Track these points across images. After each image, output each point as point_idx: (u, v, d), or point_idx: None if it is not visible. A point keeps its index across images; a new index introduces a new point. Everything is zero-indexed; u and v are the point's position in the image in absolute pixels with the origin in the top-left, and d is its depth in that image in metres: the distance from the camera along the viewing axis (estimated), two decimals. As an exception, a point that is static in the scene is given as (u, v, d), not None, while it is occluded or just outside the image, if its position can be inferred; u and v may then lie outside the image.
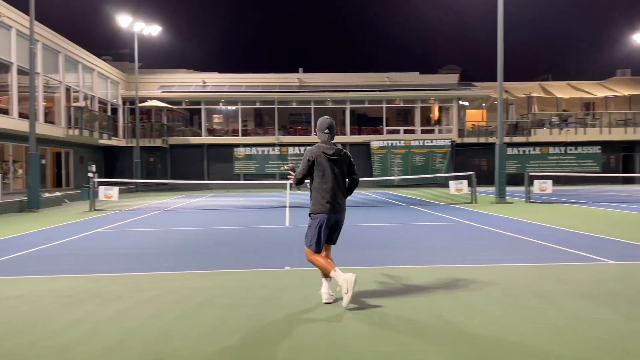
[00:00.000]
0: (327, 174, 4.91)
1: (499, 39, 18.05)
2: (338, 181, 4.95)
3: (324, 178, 4.91)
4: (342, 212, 4.98)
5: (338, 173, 4.95)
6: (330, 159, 4.92)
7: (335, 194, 4.91)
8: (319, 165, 4.93)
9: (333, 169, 4.93)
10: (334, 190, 4.91)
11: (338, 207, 4.92)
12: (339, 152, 4.99)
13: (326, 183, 4.90)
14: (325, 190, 4.90)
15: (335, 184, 4.93)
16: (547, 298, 5.04)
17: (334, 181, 4.92)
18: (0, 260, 7.55)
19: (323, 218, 4.87)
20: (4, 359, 3.58)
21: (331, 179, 4.91)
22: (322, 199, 4.90)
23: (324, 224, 4.88)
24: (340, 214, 4.97)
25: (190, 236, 10.07)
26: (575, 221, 11.66)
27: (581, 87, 35.69)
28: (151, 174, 32.20)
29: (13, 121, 19.96)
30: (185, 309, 4.81)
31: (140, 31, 29.92)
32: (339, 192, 4.96)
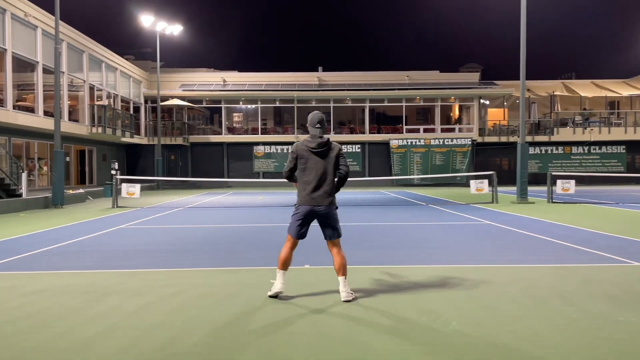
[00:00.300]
0: (309, 167, 4.95)
1: (522, 37, 17.81)
2: (320, 174, 4.93)
3: (306, 171, 4.96)
4: (324, 205, 4.92)
5: (320, 166, 4.94)
6: (312, 151, 4.95)
7: (316, 186, 4.91)
8: (301, 159, 4.98)
9: (316, 162, 4.94)
10: (315, 183, 4.91)
11: (319, 199, 4.90)
12: (323, 144, 4.97)
13: (307, 176, 4.94)
14: (306, 183, 4.94)
15: (316, 176, 4.92)
16: (570, 299, 4.96)
17: (315, 174, 4.92)
18: (26, 255, 7.71)
19: (303, 210, 4.93)
20: (29, 353, 3.66)
21: (313, 171, 4.93)
22: (303, 190, 4.96)
23: (303, 215, 4.93)
24: (322, 207, 4.91)
25: (210, 233, 10.16)
26: (599, 222, 11.46)
27: (606, 85, 35.02)
28: (172, 172, 32.55)
29: (38, 119, 20.36)
30: (206, 305, 4.85)
31: (162, 30, 30.25)
32: (322, 185, 4.93)
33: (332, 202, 4.98)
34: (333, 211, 5.00)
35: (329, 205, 4.95)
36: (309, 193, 4.92)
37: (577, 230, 10.14)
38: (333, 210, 5.00)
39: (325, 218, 4.96)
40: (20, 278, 6.15)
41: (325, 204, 4.93)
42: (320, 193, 4.92)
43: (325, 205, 4.93)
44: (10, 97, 18.48)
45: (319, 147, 4.95)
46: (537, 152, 32.73)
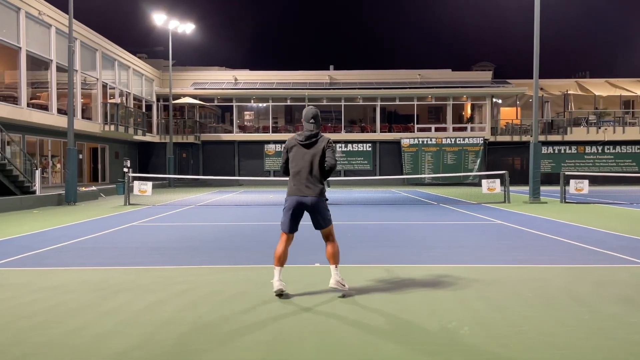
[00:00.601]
0: (297, 158, 5.06)
1: (535, 35, 17.65)
2: (305, 165, 5.00)
3: (293, 163, 5.08)
4: (310, 196, 4.96)
5: (307, 158, 5.02)
6: (300, 144, 5.06)
7: (302, 177, 4.99)
8: (291, 153, 5.11)
9: (303, 154, 5.03)
10: (300, 174, 5.00)
11: (306, 190, 4.97)
12: (311, 137, 5.05)
13: (294, 167, 5.05)
14: (293, 174, 5.05)
15: (302, 167, 5.00)
16: (582, 300, 4.92)
17: (302, 165, 5.01)
18: (40, 252, 7.80)
19: (291, 200, 5.01)
20: (43, 348, 3.71)
21: (300, 163, 5.02)
22: (291, 182, 5.07)
23: (292, 207, 5.00)
24: (310, 197, 4.96)
25: (221, 231, 10.20)
26: (613, 222, 11.34)
27: (620, 84, 34.62)
28: (183, 170, 32.74)
29: (52, 117, 20.56)
30: (217, 302, 4.88)
31: (175, 29, 30.42)
32: (308, 176, 4.99)
33: (320, 193, 5.02)
34: (322, 202, 5.05)
35: (316, 195, 4.99)
36: (295, 184, 5.01)
37: (590, 230, 10.04)
38: (322, 201, 5.05)
39: (313, 208, 5.00)
40: (34, 274, 6.22)
41: (313, 194, 4.98)
42: (306, 183, 4.98)
43: (313, 196, 4.97)
44: (24, 95, 18.69)
45: (306, 140, 5.05)
46: (550, 151, 32.46)
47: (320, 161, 5.05)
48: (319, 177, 5.05)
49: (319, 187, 5.04)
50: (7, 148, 17.16)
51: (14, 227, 10.91)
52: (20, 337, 3.91)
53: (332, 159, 5.06)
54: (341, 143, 32.73)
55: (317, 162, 5.03)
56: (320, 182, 5.07)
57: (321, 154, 5.05)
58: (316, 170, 5.03)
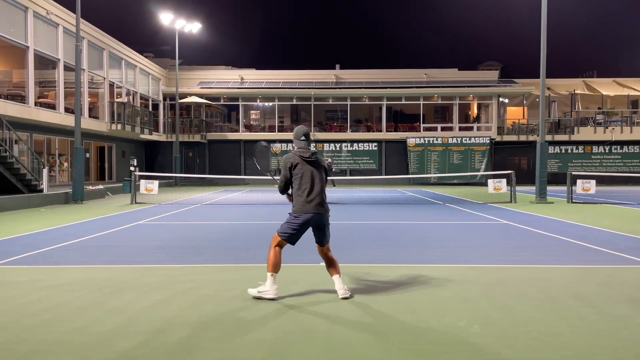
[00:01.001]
0: (305, 175, 5.00)
1: (542, 34, 17.56)
2: (316, 182, 5.02)
3: (302, 179, 5.00)
4: (325, 212, 5.02)
5: (316, 174, 5.04)
6: (306, 161, 5.04)
7: (315, 194, 4.98)
8: (295, 169, 5.03)
9: (312, 171, 5.03)
10: (313, 191, 4.98)
11: (319, 207, 4.97)
12: (314, 154, 5.10)
13: (305, 184, 4.99)
14: (303, 191, 4.97)
15: (313, 184, 5.00)
16: (588, 301, 4.89)
17: (312, 182, 5.00)
18: (46, 250, 7.85)
19: (303, 218, 4.93)
20: (48, 346, 3.73)
21: (310, 180, 5.00)
22: (301, 198, 4.97)
23: (303, 223, 4.94)
24: (324, 215, 5.01)
25: (227, 230, 10.22)
26: (620, 223, 11.27)
27: (628, 84, 34.38)
28: (190, 169, 32.84)
29: (59, 116, 20.67)
30: (221, 301, 4.89)
31: (181, 28, 30.51)
32: (320, 192, 5.01)
33: (328, 209, 5.10)
34: (328, 217, 5.11)
35: (326, 211, 5.05)
36: (309, 201, 4.95)
37: (597, 230, 9.98)
38: (328, 216, 5.11)
39: (322, 224, 5.02)
40: (40, 272, 6.26)
41: (323, 211, 5.00)
42: (319, 200, 4.98)
43: (323, 213, 5.01)
44: (32, 94, 18.79)
45: (312, 157, 5.06)
46: (556, 151, 32.30)
47: (325, 178, 5.13)
48: (324, 193, 5.12)
49: (326, 203, 5.12)
50: (15, 147, 17.27)
51: (21, 225, 10.98)
52: (26, 335, 3.94)
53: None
54: (347, 142, 32.71)
55: (323, 179, 5.11)
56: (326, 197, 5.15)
57: (324, 171, 5.14)
58: (323, 186, 5.11)
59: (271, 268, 4.95)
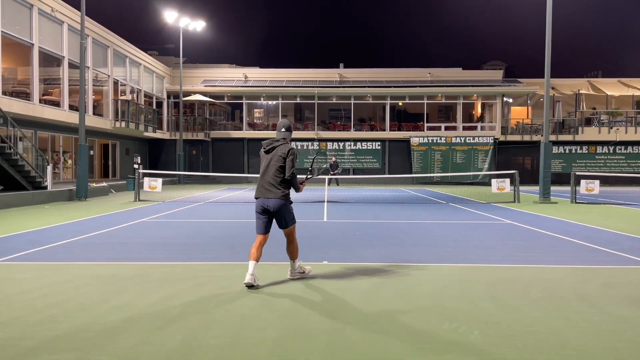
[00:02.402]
0: (262, 164, 5.52)
1: (547, 34, 17.51)
2: (264, 169, 5.44)
3: (261, 168, 5.54)
4: (267, 197, 5.32)
5: (267, 164, 5.44)
6: (264, 150, 5.54)
7: (261, 180, 5.44)
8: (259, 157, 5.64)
9: (267, 160, 5.46)
10: (261, 176, 5.46)
11: (265, 192, 5.35)
12: (269, 143, 5.52)
13: (260, 171, 5.53)
14: (259, 178, 5.51)
15: (263, 171, 5.45)
16: (592, 301, 4.88)
17: (262, 170, 5.47)
18: (50, 246, 7.88)
19: (256, 203, 5.44)
20: (53, 342, 3.74)
21: (261, 169, 5.49)
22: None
23: (257, 208, 5.43)
24: (267, 198, 5.32)
25: (230, 228, 10.24)
26: (624, 223, 11.24)
27: (633, 84, 34.26)
28: (193, 167, 32.88)
29: (64, 113, 20.74)
30: (224, 298, 4.90)
31: (186, 26, 30.54)
32: (266, 179, 5.40)
33: (281, 196, 5.33)
34: (285, 205, 5.37)
35: (278, 198, 5.32)
36: (257, 186, 5.47)
37: (601, 231, 9.96)
38: (286, 204, 5.37)
39: (275, 210, 5.34)
40: (45, 269, 6.28)
41: (271, 196, 5.32)
42: (266, 187, 5.37)
43: (274, 198, 5.32)
44: (36, 91, 18.86)
45: (267, 146, 5.52)
46: (560, 151, 32.22)
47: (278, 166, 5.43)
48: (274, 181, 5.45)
49: (280, 190, 5.43)
50: (19, 144, 17.33)
51: (25, 221, 11.02)
52: (30, 331, 3.96)
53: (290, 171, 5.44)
54: (350, 141, 32.70)
55: (274, 168, 5.45)
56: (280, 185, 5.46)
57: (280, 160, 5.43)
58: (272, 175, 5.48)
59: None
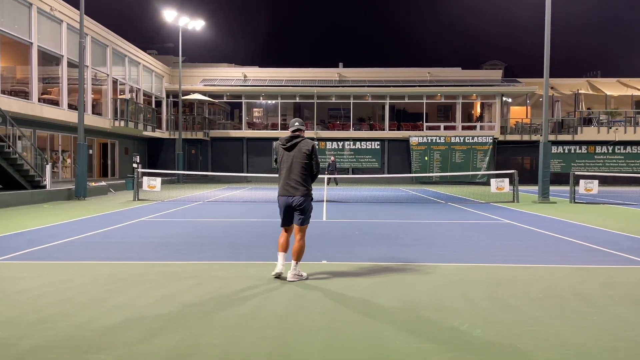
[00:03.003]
0: (283, 160, 5.64)
1: (546, 34, 17.52)
2: (289, 168, 5.56)
3: (280, 165, 5.69)
4: (293, 195, 5.54)
5: (291, 161, 5.57)
6: (284, 147, 5.64)
7: (284, 177, 5.60)
8: (278, 155, 5.72)
9: (290, 158, 5.58)
10: (284, 174, 5.60)
11: (290, 189, 5.55)
12: (292, 141, 5.61)
13: (281, 169, 5.66)
14: (279, 175, 5.68)
15: (286, 170, 5.57)
16: (591, 301, 4.88)
17: (285, 168, 5.59)
18: (49, 245, 7.87)
19: (279, 200, 5.70)
20: (52, 341, 3.74)
21: (283, 166, 5.62)
22: (278, 183, 5.70)
23: (280, 205, 5.70)
24: (291, 197, 5.54)
25: (229, 227, 10.23)
26: (623, 223, 11.25)
27: (632, 84, 34.29)
28: (192, 166, 32.86)
29: (63, 112, 20.71)
30: (224, 298, 4.90)
31: (185, 26, 30.51)
32: (291, 177, 5.56)
33: (304, 193, 5.55)
34: (309, 202, 5.61)
35: (303, 195, 5.54)
36: (281, 185, 5.63)
37: (600, 231, 9.97)
38: (309, 201, 5.62)
39: (297, 206, 5.56)
40: (44, 268, 6.27)
41: (298, 194, 5.53)
42: (291, 184, 5.55)
43: (300, 196, 5.53)
44: (35, 90, 18.83)
45: (286, 142, 5.63)
46: (560, 151, 32.24)
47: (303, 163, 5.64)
48: (298, 178, 5.68)
49: (304, 188, 5.65)
50: (18, 143, 17.31)
51: (24, 221, 11.01)
52: (29, 330, 3.95)
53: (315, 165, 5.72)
54: (350, 141, 32.70)
55: (299, 164, 5.65)
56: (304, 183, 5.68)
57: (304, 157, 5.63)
58: (298, 172, 5.67)
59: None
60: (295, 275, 5.61)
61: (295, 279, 5.57)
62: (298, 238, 5.67)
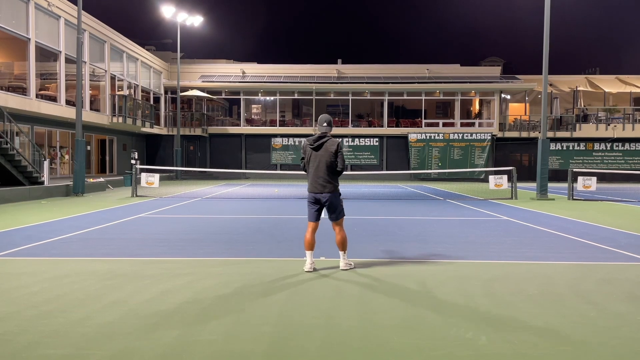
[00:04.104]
0: (311, 159, 5.92)
1: (545, 31, 17.50)
2: (317, 166, 5.83)
3: (308, 163, 5.96)
4: (322, 192, 5.80)
5: (318, 161, 5.83)
6: (312, 147, 5.90)
7: (313, 175, 5.86)
8: (306, 154, 5.99)
9: (317, 158, 5.85)
10: (312, 173, 5.87)
11: (319, 187, 5.82)
12: (319, 141, 5.86)
13: (309, 168, 5.95)
14: (308, 173, 5.97)
15: (314, 169, 5.85)
16: (588, 298, 4.90)
17: (313, 166, 5.86)
18: (47, 242, 7.86)
19: (309, 196, 5.95)
20: (49, 337, 3.74)
21: (312, 164, 5.89)
22: (307, 180, 6.00)
23: (311, 200, 5.94)
24: (320, 193, 5.81)
25: (227, 224, 10.23)
26: (620, 220, 11.27)
27: (631, 81, 34.28)
28: (191, 162, 32.83)
29: (60, 108, 20.65)
30: (221, 294, 4.90)
31: (183, 21, 30.42)
32: (319, 175, 5.82)
33: (331, 190, 5.81)
34: (335, 197, 5.85)
35: (329, 192, 5.80)
36: (310, 182, 5.91)
37: (598, 227, 9.98)
38: (337, 197, 5.88)
39: (327, 203, 5.84)
40: (42, 264, 6.27)
41: (327, 191, 5.79)
42: (319, 182, 5.81)
43: (328, 193, 5.79)
44: (33, 86, 18.77)
45: (313, 142, 5.88)
46: (558, 148, 32.25)
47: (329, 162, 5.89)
48: (326, 175, 5.93)
49: (331, 185, 5.93)
50: (16, 139, 17.26)
51: (22, 217, 11.00)
52: (26, 326, 3.95)
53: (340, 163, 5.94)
54: (348, 137, 32.68)
55: (325, 163, 5.89)
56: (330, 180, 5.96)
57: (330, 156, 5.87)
58: (325, 170, 5.92)
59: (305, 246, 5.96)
60: (347, 264, 6.00)
61: (347, 268, 5.96)
62: (338, 231, 5.99)
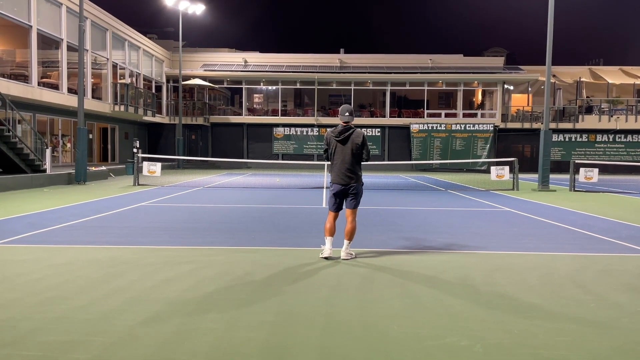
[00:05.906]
0: (336, 151, 6.02)
1: (549, 21, 17.38)
2: (343, 159, 5.94)
3: (334, 155, 6.05)
4: (348, 183, 5.94)
5: (344, 152, 5.95)
6: (337, 139, 5.99)
7: (340, 167, 5.97)
8: (330, 146, 6.09)
9: (341, 149, 5.97)
10: (339, 165, 5.97)
11: (346, 178, 5.94)
12: (344, 134, 5.96)
13: (335, 160, 6.03)
14: (334, 165, 6.05)
15: (341, 161, 5.95)
16: (589, 288, 4.91)
17: (339, 159, 5.97)
18: (50, 229, 7.89)
19: (334, 187, 6.06)
20: (51, 324, 3.76)
21: (338, 157, 5.99)
22: (332, 171, 6.09)
23: (335, 192, 6.05)
24: (347, 185, 5.95)
25: (228, 213, 10.25)
26: (622, 211, 11.26)
27: (634, 72, 34.10)
28: (192, 152, 32.81)
29: (62, 96, 20.63)
30: (222, 282, 4.92)
31: (185, 10, 30.25)
32: (346, 167, 5.94)
33: (356, 180, 5.97)
34: (360, 186, 6.04)
35: (358, 183, 5.99)
36: (336, 173, 6.00)
37: (599, 219, 9.98)
38: (360, 186, 6.04)
39: (347, 192, 6.00)
40: (44, 251, 6.30)
41: (353, 182, 5.95)
42: (346, 173, 5.94)
43: (352, 183, 5.95)
44: (35, 74, 18.74)
45: (339, 135, 5.97)
46: (560, 139, 32.16)
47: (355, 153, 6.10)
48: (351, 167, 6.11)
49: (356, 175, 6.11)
50: (18, 127, 17.26)
51: (24, 204, 11.03)
52: (29, 313, 3.98)
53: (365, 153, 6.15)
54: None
55: (351, 154, 6.07)
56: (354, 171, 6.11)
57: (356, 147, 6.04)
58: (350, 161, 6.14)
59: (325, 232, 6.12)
60: (348, 254, 6.04)
61: (348, 257, 6.00)
62: (350, 220, 6.05)
